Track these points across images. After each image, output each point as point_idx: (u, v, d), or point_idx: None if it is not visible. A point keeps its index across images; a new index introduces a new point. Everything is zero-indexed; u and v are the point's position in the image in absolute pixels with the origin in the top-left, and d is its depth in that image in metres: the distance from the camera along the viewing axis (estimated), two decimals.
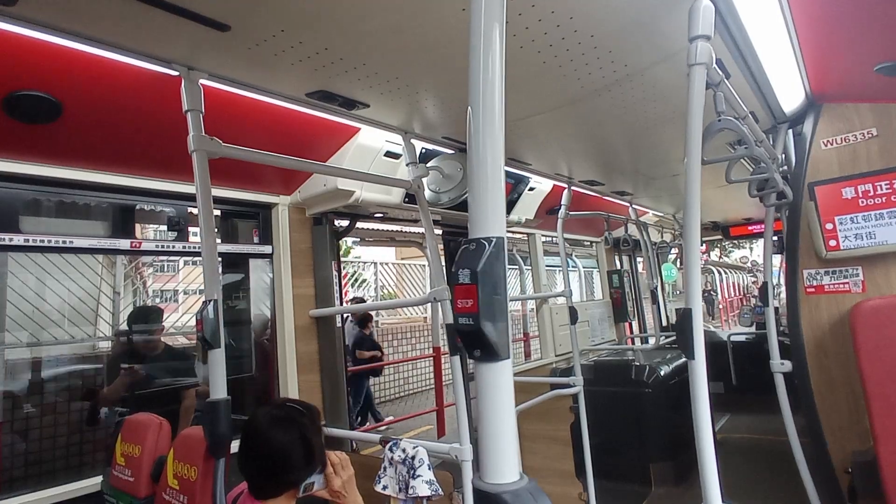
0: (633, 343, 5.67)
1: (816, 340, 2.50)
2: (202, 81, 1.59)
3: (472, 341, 0.73)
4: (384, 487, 2.03)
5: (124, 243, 2.25)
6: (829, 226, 2.47)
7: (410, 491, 1.94)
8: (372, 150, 2.42)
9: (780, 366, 2.57)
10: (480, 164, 0.79)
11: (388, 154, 2.47)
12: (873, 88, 2.35)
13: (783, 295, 3.17)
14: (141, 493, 1.70)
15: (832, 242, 2.46)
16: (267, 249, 2.62)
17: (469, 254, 0.74)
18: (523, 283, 7.74)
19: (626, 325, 5.69)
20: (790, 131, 2.68)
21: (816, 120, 2.56)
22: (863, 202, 2.41)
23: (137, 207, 2.43)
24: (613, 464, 3.52)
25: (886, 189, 2.36)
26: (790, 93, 2.37)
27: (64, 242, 2.07)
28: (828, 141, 2.54)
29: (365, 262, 10.65)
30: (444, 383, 6.70)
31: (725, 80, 1.58)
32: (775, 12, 1.74)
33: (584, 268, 8.84)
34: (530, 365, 4.38)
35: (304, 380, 2.59)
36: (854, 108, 2.48)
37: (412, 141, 2.32)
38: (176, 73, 1.55)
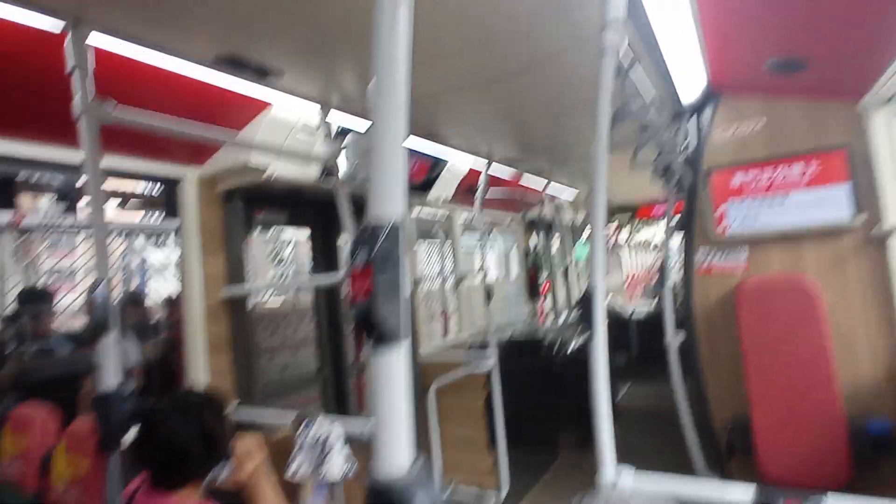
0: (544, 319, 5.92)
1: (706, 316, 2.73)
2: (97, 38, 1.44)
3: (367, 327, 0.72)
4: (295, 472, 1.95)
5: (3, 216, 2.02)
6: (719, 210, 2.69)
7: (324, 469, 1.90)
8: (287, 124, 2.31)
9: (673, 338, 2.79)
10: (380, 137, 0.75)
11: (305, 129, 2.38)
12: (763, 83, 2.56)
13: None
14: (29, 487, 1.57)
15: (721, 226, 2.68)
16: (172, 225, 2.45)
17: (365, 237, 0.71)
18: (444, 260, 7.81)
19: (540, 301, 5.93)
20: (694, 119, 2.86)
21: (715, 110, 2.75)
22: (748, 189, 2.64)
23: (19, 179, 2.19)
24: (525, 434, 3.67)
25: (769, 178, 2.60)
26: (694, 83, 2.53)
27: None
28: (723, 130, 2.74)
29: (285, 241, 10.29)
30: None
31: (634, 68, 1.65)
32: (684, 4, 1.83)
33: (504, 244, 9.05)
34: (448, 342, 4.45)
35: (215, 360, 2.48)
36: (746, 100, 2.69)
37: (331, 115, 2.24)
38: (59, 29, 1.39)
